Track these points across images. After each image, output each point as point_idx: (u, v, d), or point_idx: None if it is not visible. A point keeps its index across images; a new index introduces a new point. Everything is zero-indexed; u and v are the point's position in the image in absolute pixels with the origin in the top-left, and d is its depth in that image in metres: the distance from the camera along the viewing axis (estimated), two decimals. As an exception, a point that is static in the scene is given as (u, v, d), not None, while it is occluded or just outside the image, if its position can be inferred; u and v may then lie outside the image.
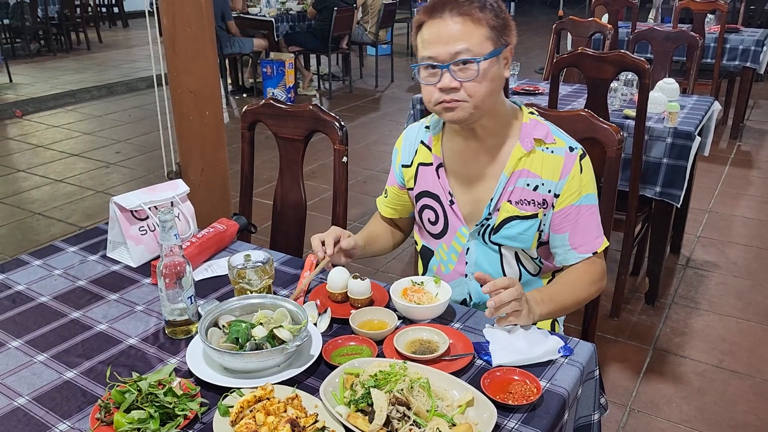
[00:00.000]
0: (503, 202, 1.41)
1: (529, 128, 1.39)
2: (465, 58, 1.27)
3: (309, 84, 7.20)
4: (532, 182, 1.39)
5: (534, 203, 1.40)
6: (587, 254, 1.42)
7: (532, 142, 1.38)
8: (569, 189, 1.38)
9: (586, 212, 1.40)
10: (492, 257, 1.47)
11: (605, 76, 2.49)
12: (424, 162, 1.50)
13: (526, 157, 1.39)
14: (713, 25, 5.16)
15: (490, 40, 1.28)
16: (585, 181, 1.39)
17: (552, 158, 1.38)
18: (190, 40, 2.59)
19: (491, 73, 1.29)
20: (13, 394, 1.10)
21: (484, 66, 1.27)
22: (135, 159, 5.05)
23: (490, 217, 1.42)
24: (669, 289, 3.05)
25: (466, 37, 1.26)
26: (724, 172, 4.57)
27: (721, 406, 2.29)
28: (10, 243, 3.66)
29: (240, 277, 1.32)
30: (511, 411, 1.04)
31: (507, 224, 1.42)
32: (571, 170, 1.37)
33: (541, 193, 1.39)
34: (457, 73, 1.28)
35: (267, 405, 1.01)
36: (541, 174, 1.38)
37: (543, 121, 1.42)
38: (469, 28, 1.27)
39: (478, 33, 1.27)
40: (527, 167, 1.39)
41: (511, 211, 1.40)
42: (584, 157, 1.40)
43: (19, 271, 1.51)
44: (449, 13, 1.27)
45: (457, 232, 1.48)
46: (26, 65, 8.48)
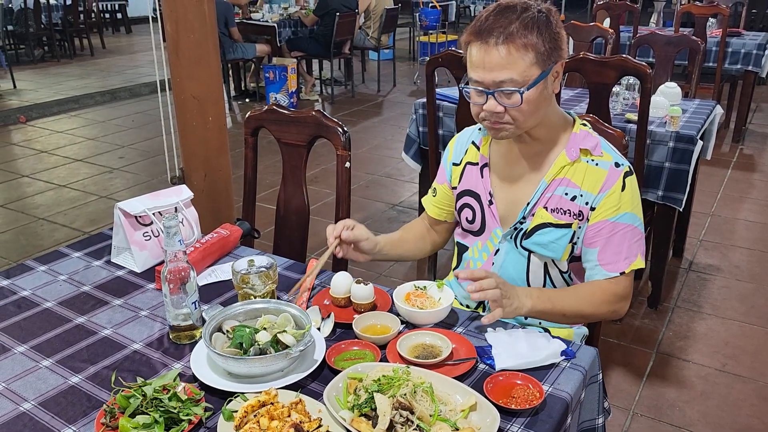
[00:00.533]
0: (539, 207, 1.41)
1: (578, 138, 1.39)
2: (509, 88, 1.27)
3: (311, 89, 7.22)
4: (570, 192, 1.38)
5: (570, 213, 1.38)
6: (614, 273, 1.38)
7: (578, 152, 1.38)
8: (607, 204, 1.36)
9: (621, 230, 1.37)
10: (519, 263, 1.47)
11: (607, 80, 2.49)
12: (472, 161, 1.52)
13: (570, 167, 1.38)
14: (715, 29, 5.17)
15: (536, 65, 1.26)
16: (626, 199, 1.36)
17: (595, 170, 1.37)
18: (193, 46, 2.61)
19: (537, 97, 1.29)
20: (18, 399, 1.10)
21: (528, 95, 1.27)
22: (138, 164, 5.07)
23: (524, 221, 1.43)
24: (672, 292, 3.05)
25: (510, 66, 1.25)
26: (726, 175, 4.57)
27: (725, 410, 2.29)
28: (14, 248, 3.67)
29: (244, 282, 1.33)
30: (513, 415, 1.05)
31: (539, 230, 1.41)
32: (613, 185, 1.36)
33: (578, 204, 1.38)
34: (501, 98, 1.29)
35: (271, 410, 1.01)
36: (581, 185, 1.37)
37: (594, 134, 1.42)
38: (514, 57, 1.25)
39: (522, 62, 1.25)
40: (569, 176, 1.38)
41: (546, 218, 1.40)
42: (630, 174, 1.38)
43: (24, 276, 1.52)
44: (495, 40, 1.25)
45: (492, 232, 1.49)
46: (30, 71, 8.53)
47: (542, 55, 1.26)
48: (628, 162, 1.40)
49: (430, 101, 2.91)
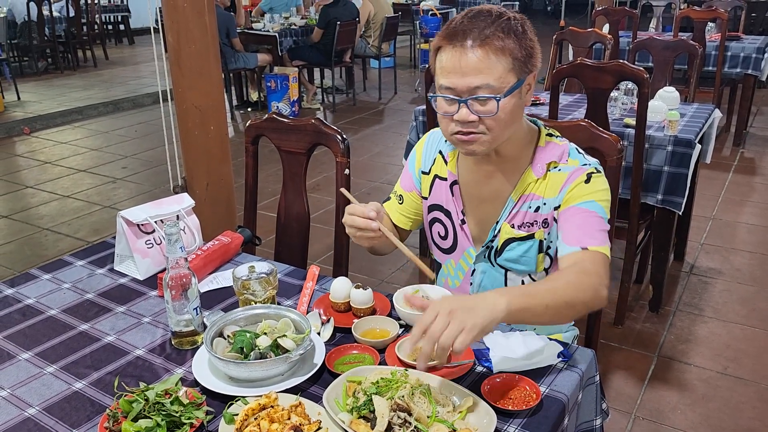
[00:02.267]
0: (503, 223, 1.38)
1: (544, 153, 1.35)
2: (485, 95, 1.21)
3: (313, 97, 7.26)
4: (534, 204, 1.36)
5: (534, 224, 1.36)
6: (575, 247, 1.27)
7: (544, 167, 1.34)
8: (570, 195, 1.31)
9: (583, 214, 1.30)
10: (497, 281, 1.45)
11: (605, 85, 2.52)
12: (440, 176, 1.47)
13: (535, 183, 1.35)
14: (714, 33, 5.19)
15: (512, 72, 1.21)
16: (589, 190, 1.30)
17: (558, 175, 1.33)
18: (194, 57, 2.64)
19: (512, 106, 1.24)
20: (23, 405, 1.12)
21: (504, 103, 1.22)
22: (141, 174, 5.10)
23: (493, 240, 1.40)
24: (673, 296, 3.06)
25: (486, 71, 1.20)
26: (727, 179, 4.58)
27: (726, 412, 2.29)
28: (18, 258, 3.70)
29: (244, 288, 1.35)
30: (510, 416, 1.06)
31: (507, 246, 1.39)
32: (575, 180, 1.31)
33: (543, 213, 1.35)
34: (475, 106, 1.22)
35: (271, 413, 1.02)
36: (543, 194, 1.35)
37: (561, 142, 1.37)
38: (491, 61, 1.19)
39: (499, 66, 1.20)
40: (535, 191, 1.35)
41: (509, 233, 1.38)
42: (597, 173, 1.32)
43: (28, 285, 1.54)
44: (470, 42, 1.19)
45: (465, 252, 1.46)
46: (34, 83, 8.59)
47: (519, 62, 1.22)
48: (597, 164, 1.35)
49: (429, 108, 2.93)
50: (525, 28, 1.24)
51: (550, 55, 4.06)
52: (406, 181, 1.53)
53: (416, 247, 3.57)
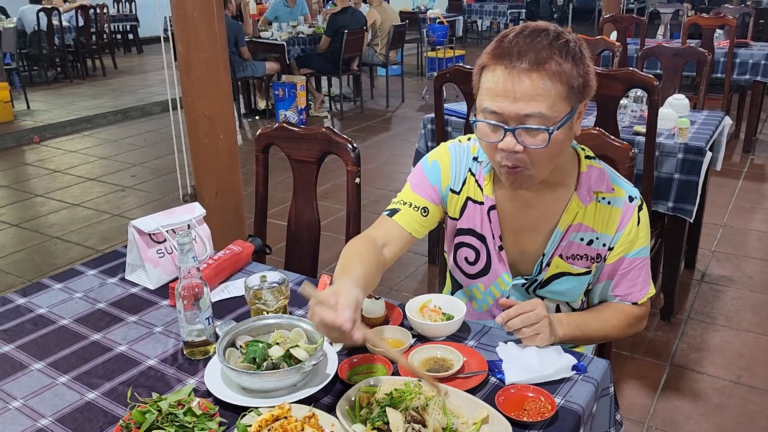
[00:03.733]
0: (555, 257, 1.33)
1: (588, 179, 1.28)
2: (535, 126, 1.10)
3: (320, 106, 7.28)
4: (586, 236, 1.31)
5: (587, 258, 1.32)
6: (627, 302, 1.37)
7: (592, 195, 1.28)
8: (624, 241, 1.31)
9: (637, 264, 1.33)
10: None
11: (614, 93, 2.51)
12: (474, 199, 1.36)
13: (582, 212, 1.29)
14: (722, 40, 5.17)
15: (566, 101, 1.10)
16: (641, 234, 1.31)
17: (609, 210, 1.29)
18: (204, 66, 2.65)
19: (563, 137, 1.14)
20: (36, 416, 1.12)
21: (557, 135, 1.11)
22: (150, 182, 5.12)
23: (540, 273, 1.36)
24: (684, 304, 3.03)
25: (540, 98, 1.08)
26: (737, 186, 4.55)
27: (741, 422, 2.27)
28: (29, 267, 3.71)
29: (256, 298, 1.34)
30: (526, 428, 1.05)
31: (556, 280, 1.35)
32: (629, 223, 1.29)
33: (596, 247, 1.32)
34: (522, 136, 1.12)
35: (284, 424, 1.02)
36: (595, 227, 1.30)
37: (601, 166, 1.32)
38: (546, 87, 1.08)
39: (555, 93, 1.08)
40: (582, 221, 1.30)
41: (563, 267, 1.34)
42: (642, 208, 1.32)
43: (40, 294, 1.54)
44: (526, 64, 1.08)
45: (498, 278, 1.40)
46: (43, 92, 8.65)
47: (574, 90, 1.10)
48: (638, 192, 1.34)
49: (438, 116, 2.93)
50: (583, 51, 1.13)
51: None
52: (432, 195, 1.39)
53: (425, 255, 3.57)
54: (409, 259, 3.61)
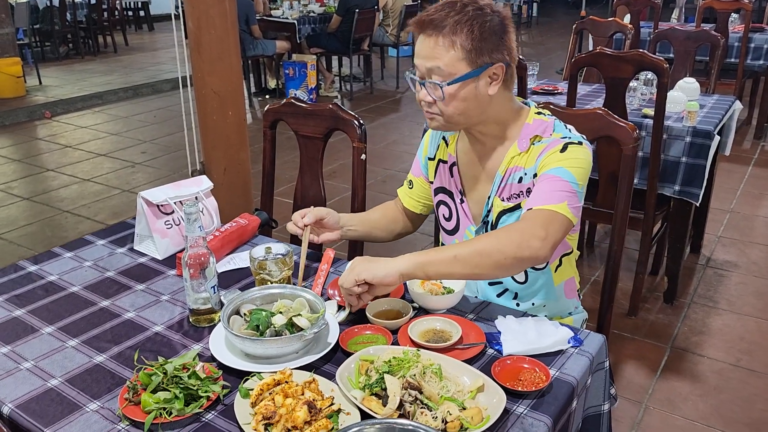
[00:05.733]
0: (494, 198, 1.44)
1: (530, 129, 1.40)
2: (434, 80, 1.31)
3: (331, 85, 7.27)
4: (517, 175, 1.41)
5: (520, 195, 1.41)
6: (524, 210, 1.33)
7: (528, 141, 1.39)
8: (543, 164, 1.34)
9: (548, 179, 1.32)
10: None
11: (623, 75, 2.50)
12: (442, 159, 1.55)
13: (519, 156, 1.40)
14: (737, 25, 5.11)
15: (464, 61, 1.29)
16: (562, 158, 1.32)
17: (539, 147, 1.38)
18: (214, 43, 2.66)
19: (462, 94, 1.31)
20: (46, 376, 1.16)
21: (450, 90, 1.30)
22: (160, 159, 5.16)
23: (488, 215, 1.46)
24: (688, 288, 3.04)
25: (437, 58, 1.29)
26: (747, 172, 4.53)
27: (738, 404, 2.29)
28: (39, 239, 3.77)
29: (261, 269, 1.37)
30: (520, 397, 1.08)
31: (500, 219, 1.45)
32: (551, 149, 1.34)
33: (525, 183, 1.40)
34: (430, 90, 1.33)
35: (285, 388, 1.05)
36: (525, 165, 1.40)
37: (548, 118, 1.42)
38: (440, 50, 1.29)
39: (449, 55, 1.29)
40: (519, 164, 1.41)
41: (500, 206, 1.44)
42: (576, 144, 1.34)
43: (51, 262, 1.58)
44: (429, 30, 1.30)
45: (466, 230, 1.53)
46: (55, 68, 8.69)
47: (471, 53, 1.28)
48: (581, 138, 1.37)
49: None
50: (486, 19, 1.29)
51: (570, 44, 4.03)
52: (416, 167, 1.64)
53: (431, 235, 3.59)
54: (415, 239, 3.63)
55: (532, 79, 3.43)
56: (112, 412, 1.06)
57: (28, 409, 1.07)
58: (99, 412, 1.06)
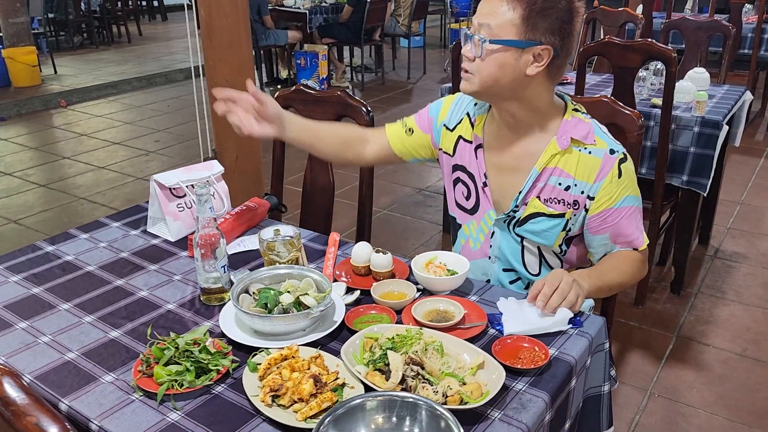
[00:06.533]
0: (532, 197, 1.42)
1: (569, 126, 1.38)
2: (481, 35, 1.29)
3: (342, 75, 7.29)
4: (564, 182, 1.39)
5: (564, 203, 1.40)
6: (628, 248, 1.44)
7: (569, 140, 1.37)
8: (607, 193, 1.37)
9: (626, 213, 1.39)
10: (514, 247, 1.50)
11: (632, 64, 2.51)
12: (465, 137, 1.51)
13: (561, 156, 1.38)
14: (751, 15, 5.07)
15: (515, 27, 1.27)
16: (624, 185, 1.38)
17: (588, 159, 1.37)
18: (225, 30, 2.70)
19: (500, 59, 1.29)
20: (63, 350, 1.21)
21: (489, 48, 1.29)
22: (173, 147, 5.22)
23: (517, 210, 1.44)
24: (696, 278, 3.05)
25: (492, 15, 1.28)
26: (758, 164, 4.50)
27: (743, 393, 2.31)
28: (56, 225, 3.84)
29: (269, 249, 1.41)
30: (519, 374, 1.11)
31: (532, 219, 1.43)
32: (608, 174, 1.36)
33: (573, 193, 1.39)
34: (473, 45, 1.31)
35: (292, 363, 1.09)
36: (575, 174, 1.38)
37: (587, 120, 1.40)
38: (499, 9, 1.28)
39: (503, 17, 1.27)
40: (561, 166, 1.39)
41: (539, 208, 1.42)
42: (625, 161, 1.38)
43: (67, 243, 1.63)
44: None
45: (485, 214, 1.51)
46: (70, 57, 8.77)
47: (525, 21, 1.26)
48: (623, 148, 1.39)
49: (455, 86, 2.95)
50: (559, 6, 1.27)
51: (580, 34, 4.03)
52: (423, 121, 1.58)
53: (439, 224, 3.62)
54: (424, 228, 3.67)
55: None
56: (126, 383, 1.11)
57: (47, 379, 1.12)
58: (114, 383, 1.11)
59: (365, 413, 0.97)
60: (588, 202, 1.39)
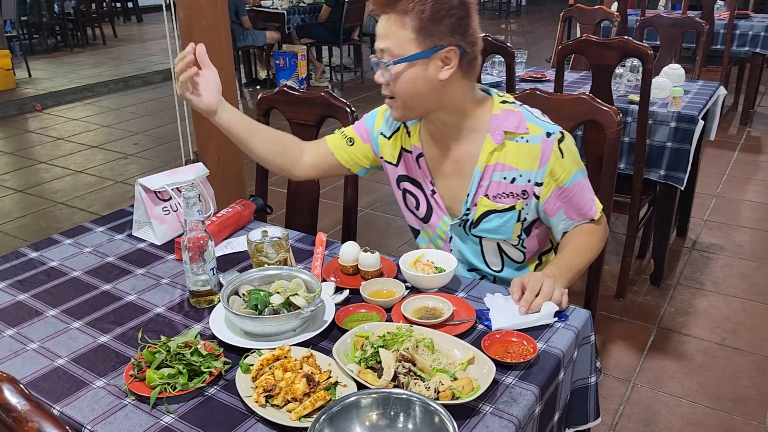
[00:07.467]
0: (480, 197, 1.44)
1: (500, 120, 1.39)
2: (384, 59, 1.31)
3: (321, 75, 7.29)
4: (509, 175, 1.41)
5: (512, 195, 1.42)
6: (584, 221, 1.47)
7: (503, 134, 1.38)
8: (553, 176, 1.39)
9: (577, 189, 1.42)
10: (474, 248, 1.54)
11: (609, 62, 2.55)
12: (406, 148, 1.53)
13: (499, 150, 1.39)
14: (723, 12, 5.17)
15: (412, 42, 1.28)
16: (568, 163, 1.40)
17: (527, 148, 1.38)
18: (206, 32, 2.68)
19: (410, 76, 1.30)
20: (52, 356, 1.20)
21: (396, 69, 1.30)
22: (152, 150, 5.18)
23: (468, 212, 1.47)
24: (675, 271, 3.11)
25: (388, 38, 1.30)
26: (733, 157, 4.60)
27: (723, 381, 2.36)
28: (34, 231, 3.79)
29: (258, 251, 1.42)
30: (508, 368, 1.13)
31: (485, 218, 1.46)
32: (551, 157, 1.38)
33: (520, 184, 1.41)
34: (382, 69, 1.33)
35: (285, 363, 1.10)
36: (517, 165, 1.40)
37: (517, 109, 1.41)
38: (392, 30, 1.29)
39: (398, 35, 1.28)
40: (502, 160, 1.40)
41: (489, 206, 1.44)
42: (563, 139, 1.39)
43: (51, 249, 1.61)
44: (383, 9, 1.30)
45: (440, 220, 1.53)
46: (44, 60, 8.65)
47: (421, 33, 1.27)
48: (558, 128, 1.40)
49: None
50: (448, 6, 1.27)
51: (557, 32, 4.08)
52: (362, 131, 1.58)
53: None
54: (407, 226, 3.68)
55: (521, 67, 3.48)
56: (118, 388, 1.10)
57: (37, 386, 1.12)
58: (105, 388, 1.11)
59: (360, 411, 0.98)
60: (537, 189, 1.42)
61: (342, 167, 1.61)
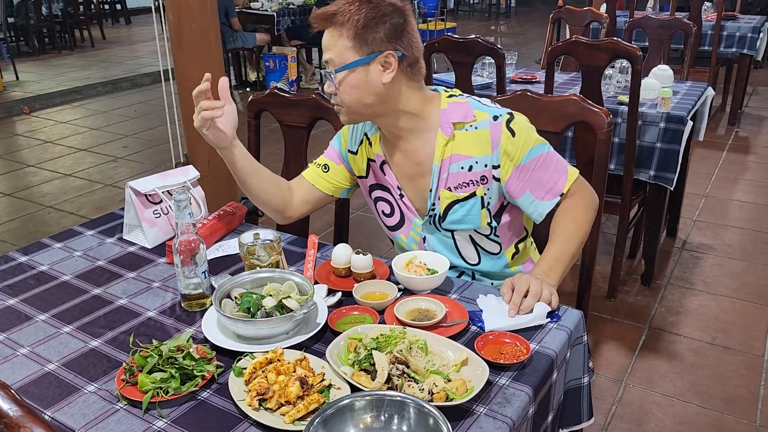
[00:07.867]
0: (441, 190, 1.47)
1: (448, 113, 1.43)
2: (329, 70, 1.38)
3: (311, 77, 7.28)
4: (465, 164, 1.44)
5: (472, 183, 1.45)
6: (556, 198, 1.43)
7: (452, 126, 1.42)
8: (508, 155, 1.41)
9: (536, 164, 1.41)
10: (447, 244, 1.55)
11: (599, 63, 2.56)
12: (370, 158, 1.57)
13: (452, 142, 1.43)
14: (710, 13, 5.21)
15: (351, 50, 1.34)
16: (521, 142, 1.40)
17: (477, 134, 1.42)
18: (195, 35, 2.68)
19: (352, 82, 1.36)
20: (43, 361, 1.19)
21: (339, 77, 1.36)
22: (142, 153, 5.15)
23: (434, 207, 1.50)
24: (665, 270, 3.13)
25: (329, 49, 1.37)
26: (721, 157, 4.64)
27: (714, 380, 2.37)
28: (22, 235, 3.76)
29: (250, 254, 1.41)
30: (502, 369, 1.13)
31: (450, 210, 1.49)
32: (501, 138, 1.40)
33: (478, 170, 1.44)
34: (328, 80, 1.39)
35: (278, 366, 1.09)
36: (471, 153, 1.43)
37: (464, 100, 1.45)
38: (333, 40, 1.35)
39: (337, 45, 1.35)
40: (456, 151, 1.44)
41: (450, 197, 1.47)
42: (512, 119, 1.41)
43: (41, 253, 1.60)
44: (322, 23, 1.37)
45: (412, 222, 1.57)
46: (32, 63, 8.59)
47: (356, 40, 1.33)
48: (506, 110, 1.43)
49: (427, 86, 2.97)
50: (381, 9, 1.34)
51: (547, 33, 4.10)
52: (333, 155, 1.63)
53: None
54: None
55: (511, 69, 3.49)
56: (110, 392, 1.09)
57: (27, 392, 1.10)
58: (97, 393, 1.10)
59: (354, 413, 0.98)
60: (495, 172, 1.43)
61: (327, 196, 1.65)
